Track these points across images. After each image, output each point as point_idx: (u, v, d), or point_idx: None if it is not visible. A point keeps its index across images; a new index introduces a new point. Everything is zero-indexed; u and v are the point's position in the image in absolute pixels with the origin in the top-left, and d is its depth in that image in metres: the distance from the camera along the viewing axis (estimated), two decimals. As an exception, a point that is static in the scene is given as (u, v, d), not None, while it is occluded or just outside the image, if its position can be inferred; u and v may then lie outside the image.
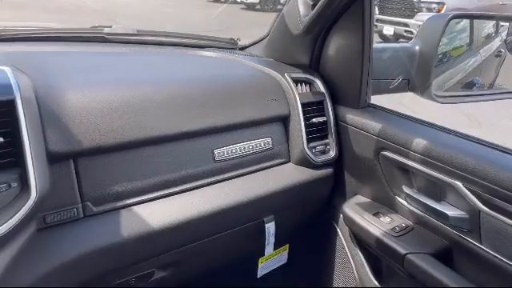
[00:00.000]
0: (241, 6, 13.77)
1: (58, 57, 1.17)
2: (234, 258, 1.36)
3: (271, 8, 14.10)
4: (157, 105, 1.04)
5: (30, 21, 1.23)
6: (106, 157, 0.98)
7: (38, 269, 0.89)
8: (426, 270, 1.04)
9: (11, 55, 1.09)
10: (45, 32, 1.37)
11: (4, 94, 0.80)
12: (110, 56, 1.28)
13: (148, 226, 1.01)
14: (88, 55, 1.25)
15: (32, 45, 1.29)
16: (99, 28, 1.46)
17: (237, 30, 1.62)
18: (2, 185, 0.81)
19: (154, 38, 1.50)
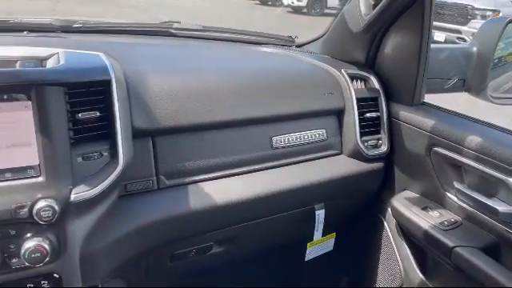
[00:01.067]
0: (288, 9, 13.87)
1: (138, 47, 1.31)
2: (285, 239, 1.44)
3: (317, 12, 14.07)
4: (224, 92, 1.15)
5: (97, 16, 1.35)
6: (178, 136, 1.10)
7: (117, 231, 1.01)
8: (474, 263, 1.07)
9: (100, 44, 1.23)
10: (122, 26, 1.51)
11: (102, 74, 0.92)
12: (182, 48, 1.41)
13: (211, 201, 1.11)
14: (163, 47, 1.38)
15: (111, 37, 1.43)
16: (169, 23, 1.59)
17: (280, 32, 1.71)
18: (95, 153, 0.94)
19: (217, 34, 1.62)
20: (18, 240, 0.84)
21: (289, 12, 13.66)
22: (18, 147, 0.84)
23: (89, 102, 0.91)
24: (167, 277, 1.30)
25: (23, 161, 0.84)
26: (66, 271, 0.91)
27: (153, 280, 1.23)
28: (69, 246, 0.90)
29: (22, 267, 0.85)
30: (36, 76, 0.84)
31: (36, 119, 0.83)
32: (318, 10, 14.15)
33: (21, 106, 0.83)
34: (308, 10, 13.85)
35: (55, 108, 0.85)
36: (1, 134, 0.82)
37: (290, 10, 13.74)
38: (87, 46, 1.09)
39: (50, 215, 0.82)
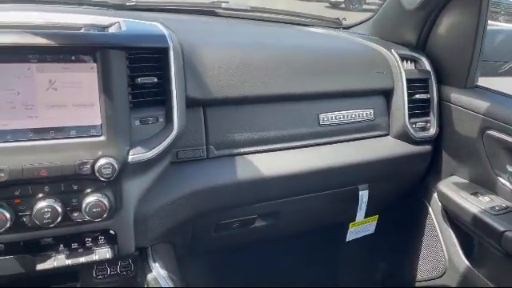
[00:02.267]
0: (325, 4, 13.69)
1: (190, 22, 1.34)
2: (326, 218, 1.44)
3: (356, 7, 13.80)
4: (274, 66, 1.16)
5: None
6: (229, 108, 1.12)
7: (168, 195, 1.04)
8: None
9: (154, 18, 1.27)
10: (172, 4, 1.55)
11: (161, 41, 0.95)
12: (232, 25, 1.43)
13: (257, 173, 1.13)
14: (214, 23, 1.41)
15: (161, 14, 1.48)
16: (217, 2, 1.62)
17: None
18: (152, 118, 0.97)
19: (265, 15, 1.63)
20: (79, 195, 0.89)
21: (326, 7, 13.48)
22: (82, 107, 0.88)
23: (147, 68, 0.95)
24: (210, 247, 1.33)
25: (87, 120, 0.89)
26: (121, 229, 0.95)
27: (197, 249, 1.26)
28: (124, 205, 0.94)
29: (82, 221, 0.90)
30: (102, 39, 0.89)
31: (100, 81, 0.87)
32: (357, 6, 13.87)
33: (87, 68, 0.87)
34: (346, 5, 13.61)
35: (117, 71, 0.89)
36: (68, 94, 0.87)
37: (328, 5, 13.55)
38: (143, 18, 1.13)
39: (109, 172, 0.87)
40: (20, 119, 0.84)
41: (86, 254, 0.93)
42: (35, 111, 0.85)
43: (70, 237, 0.92)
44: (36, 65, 0.84)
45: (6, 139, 0.83)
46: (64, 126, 0.87)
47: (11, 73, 0.83)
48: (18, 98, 0.84)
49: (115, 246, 0.95)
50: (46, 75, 0.85)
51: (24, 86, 0.83)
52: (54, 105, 0.86)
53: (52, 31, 0.86)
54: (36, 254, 0.90)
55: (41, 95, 0.85)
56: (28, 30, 0.83)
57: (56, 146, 0.86)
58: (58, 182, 0.87)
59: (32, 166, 0.83)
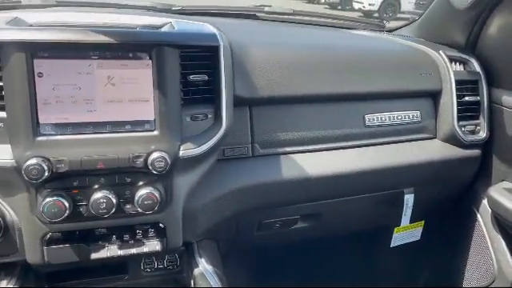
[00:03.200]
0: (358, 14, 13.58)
1: (236, 24, 1.37)
2: (370, 222, 1.42)
3: (390, 16, 13.62)
4: (322, 66, 1.16)
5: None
6: (274, 107, 1.13)
7: (215, 192, 1.06)
8: None
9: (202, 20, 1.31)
10: (217, 8, 1.59)
11: (212, 40, 0.98)
12: (277, 27, 1.45)
13: (301, 173, 1.13)
14: (259, 25, 1.43)
15: (206, 18, 1.51)
16: (260, 7, 1.65)
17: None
18: (201, 115, 0.99)
19: (307, 18, 1.64)
20: (132, 187, 0.92)
21: (360, 16, 13.39)
22: (137, 102, 0.91)
23: (198, 66, 0.97)
24: (252, 245, 1.34)
25: (141, 115, 0.92)
26: (170, 222, 0.97)
27: (240, 246, 1.27)
28: (174, 199, 0.97)
29: (134, 213, 0.93)
30: (157, 37, 0.92)
31: (154, 77, 0.90)
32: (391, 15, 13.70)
33: (143, 65, 0.91)
34: (380, 15, 13.46)
35: (171, 68, 0.92)
36: (125, 89, 0.90)
37: (361, 15, 13.44)
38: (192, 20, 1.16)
39: (162, 166, 0.89)
40: (80, 113, 0.88)
41: (136, 246, 0.96)
42: (94, 106, 0.89)
43: (122, 228, 0.95)
44: (96, 61, 0.88)
45: (66, 132, 0.87)
46: (120, 120, 0.91)
47: (74, 69, 0.87)
48: (79, 92, 0.88)
49: (164, 239, 0.97)
50: (106, 71, 0.89)
51: (85, 81, 0.88)
52: (111, 100, 0.90)
53: (112, 29, 0.90)
54: (90, 243, 0.93)
55: (100, 90, 0.89)
56: (90, 28, 0.87)
57: (112, 139, 0.90)
58: (113, 174, 0.90)
59: (90, 158, 0.87)
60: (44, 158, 0.84)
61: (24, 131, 0.84)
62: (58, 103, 0.87)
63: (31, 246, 0.90)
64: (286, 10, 1.62)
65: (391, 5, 14.20)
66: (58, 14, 1.05)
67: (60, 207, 0.85)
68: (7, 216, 0.90)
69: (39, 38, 0.82)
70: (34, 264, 0.91)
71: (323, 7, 14.75)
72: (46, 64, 0.85)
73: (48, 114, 0.86)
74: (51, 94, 0.86)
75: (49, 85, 0.85)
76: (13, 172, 0.85)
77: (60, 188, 0.88)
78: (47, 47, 0.84)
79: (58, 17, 1.02)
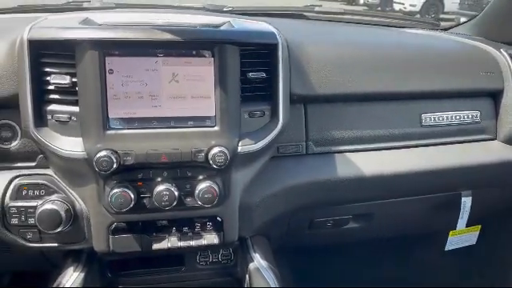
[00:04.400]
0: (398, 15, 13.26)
1: (288, 23, 1.38)
2: (424, 224, 1.38)
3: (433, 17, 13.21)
4: (378, 65, 1.15)
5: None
6: (329, 105, 1.13)
7: (270, 188, 1.07)
8: None
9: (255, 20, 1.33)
10: (267, 9, 1.61)
11: (271, 38, 0.99)
12: (330, 25, 1.45)
13: (355, 172, 1.12)
14: (311, 24, 1.44)
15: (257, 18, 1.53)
16: (310, 6, 1.65)
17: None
18: (259, 112, 1.01)
19: (357, 17, 1.63)
20: (192, 181, 0.95)
21: (401, 17, 13.05)
22: (199, 99, 0.94)
23: (256, 64, 0.99)
24: (302, 244, 1.34)
25: (203, 111, 0.95)
26: (228, 216, 0.99)
27: (289, 244, 1.27)
28: (231, 194, 0.99)
29: (194, 206, 0.95)
30: (220, 35, 0.94)
31: (216, 74, 0.93)
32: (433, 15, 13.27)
33: (205, 62, 0.93)
34: (422, 16, 13.08)
35: (232, 65, 0.94)
36: (188, 86, 0.93)
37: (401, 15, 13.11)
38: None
39: (222, 160, 0.91)
40: (146, 108, 0.92)
41: (195, 238, 0.98)
42: (159, 101, 0.92)
43: (182, 221, 0.98)
44: (162, 59, 0.91)
45: (133, 126, 0.92)
46: (183, 116, 0.94)
47: (141, 66, 0.91)
48: (145, 88, 0.92)
49: (221, 233, 0.99)
50: (170, 68, 0.92)
51: (151, 77, 0.91)
52: (175, 96, 0.93)
53: (178, 28, 0.93)
54: (152, 234, 0.97)
55: (165, 87, 0.92)
56: (158, 27, 0.91)
57: (175, 134, 0.93)
58: (175, 167, 0.94)
59: (155, 152, 0.90)
60: (113, 150, 0.88)
61: (95, 125, 0.89)
62: (126, 98, 0.91)
63: (98, 235, 0.94)
64: (336, 10, 1.61)
65: (434, 5, 13.76)
66: (123, 14, 1.10)
67: (126, 198, 0.89)
68: (76, 205, 0.95)
69: (112, 37, 0.87)
70: (99, 252, 0.95)
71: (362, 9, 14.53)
72: (116, 61, 0.89)
73: (117, 109, 0.91)
74: (120, 89, 0.90)
75: (118, 81, 0.90)
76: (83, 163, 0.90)
77: (126, 180, 0.92)
78: (118, 45, 0.88)
79: (125, 17, 1.07)
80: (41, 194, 0.94)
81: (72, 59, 0.88)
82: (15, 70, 0.91)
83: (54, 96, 0.90)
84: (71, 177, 0.95)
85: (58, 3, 1.53)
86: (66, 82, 0.89)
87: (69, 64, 0.89)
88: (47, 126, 0.90)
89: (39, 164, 0.97)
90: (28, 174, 0.96)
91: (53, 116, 0.90)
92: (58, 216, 0.91)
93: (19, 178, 0.95)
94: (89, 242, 0.96)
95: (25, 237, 0.94)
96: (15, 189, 0.94)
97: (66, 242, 0.96)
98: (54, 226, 0.91)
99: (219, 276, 1.12)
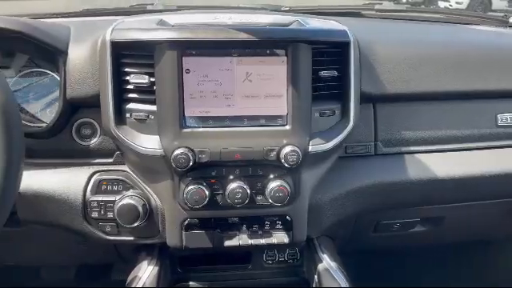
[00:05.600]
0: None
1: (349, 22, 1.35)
2: (497, 229, 1.32)
3: (480, 14, 12.61)
4: (449, 63, 1.11)
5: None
6: (399, 105, 1.10)
7: (338, 189, 1.06)
8: None
9: None
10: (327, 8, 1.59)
11: (343, 36, 0.98)
12: (392, 24, 1.41)
13: (426, 173, 1.09)
14: (370, 23, 1.41)
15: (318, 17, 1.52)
16: (370, 4, 1.62)
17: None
18: (329, 111, 1.00)
19: (418, 14, 1.58)
20: (263, 180, 0.95)
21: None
22: (271, 98, 0.95)
23: (328, 62, 0.98)
24: (366, 246, 1.31)
25: (274, 110, 0.95)
26: (297, 216, 0.99)
27: (353, 246, 1.25)
28: (301, 193, 0.98)
29: (265, 204, 0.96)
30: (294, 34, 0.94)
31: (289, 73, 0.93)
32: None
33: (278, 61, 0.94)
34: (469, 12, 12.52)
35: (304, 64, 0.93)
36: (261, 85, 0.94)
37: (447, 13, 12.59)
38: None
39: (294, 160, 0.91)
40: (220, 107, 0.94)
41: (265, 237, 0.99)
42: (233, 100, 0.94)
43: (252, 219, 0.99)
44: (236, 58, 0.93)
45: (208, 124, 0.93)
46: (255, 114, 0.95)
47: (216, 65, 0.92)
48: (220, 88, 0.93)
49: (290, 232, 0.99)
50: (244, 68, 0.93)
51: (225, 77, 0.93)
52: (248, 95, 0.94)
53: (252, 27, 0.94)
54: (223, 231, 0.98)
55: (238, 86, 0.93)
56: (233, 27, 0.92)
57: (248, 132, 0.94)
58: (247, 166, 0.95)
59: (228, 150, 0.92)
60: (189, 148, 0.90)
61: (172, 123, 0.91)
62: (202, 97, 0.93)
63: (172, 230, 0.97)
64: (398, 7, 1.57)
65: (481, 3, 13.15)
66: (192, 15, 1.12)
67: (201, 195, 0.91)
68: (152, 201, 0.98)
69: (190, 37, 0.89)
70: (173, 247, 0.98)
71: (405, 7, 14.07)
72: (193, 61, 0.91)
73: (193, 108, 0.93)
74: (196, 88, 0.92)
75: (194, 80, 0.92)
76: (160, 160, 0.92)
77: (200, 177, 0.93)
78: (196, 45, 0.91)
79: (194, 18, 1.09)
80: (119, 189, 0.98)
81: (151, 59, 0.91)
82: (96, 70, 0.95)
83: (133, 95, 0.94)
84: (147, 173, 0.98)
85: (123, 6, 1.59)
86: (144, 81, 0.92)
87: (148, 64, 0.92)
88: (126, 124, 0.94)
89: (116, 160, 1.01)
90: (106, 169, 1.00)
91: (131, 114, 0.94)
92: (136, 211, 0.94)
93: (98, 173, 0.99)
94: (162, 237, 0.99)
95: (104, 230, 0.98)
96: (95, 184, 0.98)
97: (141, 237, 1.00)
98: (132, 220, 0.94)
99: (285, 275, 1.12)
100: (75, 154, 1.00)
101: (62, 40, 0.98)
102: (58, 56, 0.97)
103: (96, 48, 0.95)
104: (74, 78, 0.96)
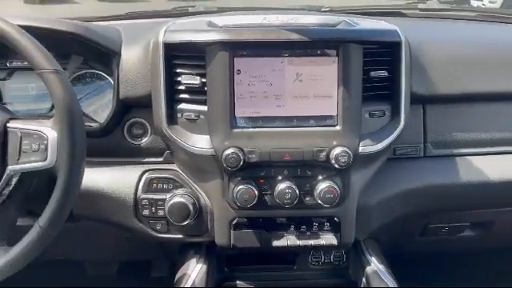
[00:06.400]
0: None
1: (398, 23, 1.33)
2: None
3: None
4: (498, 63, 1.08)
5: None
6: (449, 106, 1.08)
7: (387, 191, 1.04)
8: None
9: None
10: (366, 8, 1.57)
11: (394, 36, 0.96)
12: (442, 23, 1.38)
13: (478, 176, 1.06)
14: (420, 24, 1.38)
15: None
16: (413, 4, 1.59)
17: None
18: (379, 111, 0.99)
19: (464, 13, 1.54)
20: (312, 180, 0.95)
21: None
22: (321, 98, 0.95)
23: (379, 62, 0.97)
24: (412, 250, 1.29)
25: (324, 110, 0.95)
26: (345, 218, 0.98)
27: (399, 250, 1.23)
28: (350, 195, 0.97)
29: (313, 205, 0.95)
30: (345, 34, 0.94)
31: (340, 73, 0.92)
32: (518, 11, 12.17)
33: (329, 61, 0.93)
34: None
35: (355, 64, 0.93)
36: (311, 86, 0.94)
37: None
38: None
39: (345, 161, 0.90)
40: (270, 108, 0.94)
41: (313, 238, 0.98)
42: (283, 101, 0.94)
43: (300, 220, 0.99)
44: (287, 59, 0.93)
45: (258, 125, 0.94)
46: (305, 115, 0.95)
47: (267, 66, 0.93)
48: (270, 88, 0.94)
49: (338, 233, 0.99)
50: (295, 68, 0.93)
51: (276, 77, 0.93)
52: (298, 95, 0.94)
53: (304, 28, 0.94)
54: (271, 231, 0.98)
55: (289, 86, 0.94)
56: (284, 28, 0.92)
57: (298, 133, 0.94)
58: (296, 166, 0.94)
59: (278, 150, 0.92)
60: (239, 148, 0.91)
61: (222, 123, 0.92)
62: (252, 98, 0.94)
63: (220, 229, 0.98)
64: (443, 6, 1.54)
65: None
66: (238, 16, 1.13)
67: (251, 194, 0.92)
68: (201, 199, 1.00)
69: (242, 38, 0.90)
70: (221, 245, 0.99)
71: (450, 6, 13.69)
72: (244, 62, 0.92)
73: (243, 108, 0.94)
74: (247, 89, 0.93)
75: (245, 81, 0.93)
76: (210, 160, 0.94)
77: (249, 177, 0.94)
78: (247, 46, 0.91)
79: (241, 19, 1.10)
80: (169, 187, 1.00)
81: (202, 60, 0.92)
82: (148, 71, 0.97)
83: (185, 95, 0.95)
84: (196, 172, 1.00)
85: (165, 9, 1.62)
86: (196, 82, 0.94)
87: (199, 65, 0.93)
88: (177, 124, 0.96)
89: (165, 159, 1.03)
90: (156, 168, 1.02)
91: (182, 114, 0.95)
92: (186, 209, 0.95)
93: (148, 172, 1.01)
94: (210, 236, 1.00)
95: (154, 227, 1.00)
96: (146, 182, 1.00)
97: (190, 235, 1.01)
98: (182, 218, 0.95)
99: (330, 277, 1.11)
100: (126, 152, 1.02)
101: (115, 42, 1.01)
102: (112, 57, 0.99)
103: (148, 49, 0.97)
104: (126, 79, 0.98)
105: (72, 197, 0.75)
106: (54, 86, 0.74)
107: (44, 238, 0.74)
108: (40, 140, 0.75)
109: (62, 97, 0.73)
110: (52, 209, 0.73)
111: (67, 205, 0.75)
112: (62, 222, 0.75)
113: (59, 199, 0.73)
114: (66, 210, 0.75)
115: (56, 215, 0.73)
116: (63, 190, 0.73)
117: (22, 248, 0.73)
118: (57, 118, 0.75)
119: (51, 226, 0.73)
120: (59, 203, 0.73)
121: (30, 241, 0.73)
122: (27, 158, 0.75)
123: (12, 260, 0.73)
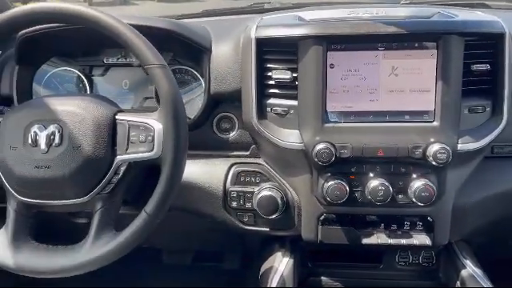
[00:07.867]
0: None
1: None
2: None
3: None
4: None
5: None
6: None
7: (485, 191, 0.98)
8: None
9: None
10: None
11: (497, 27, 0.90)
12: None
13: None
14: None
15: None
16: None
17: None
18: (479, 107, 0.93)
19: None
20: (405, 178, 0.92)
21: None
22: (417, 92, 0.91)
23: (480, 55, 0.91)
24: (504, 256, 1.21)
25: (420, 105, 0.91)
26: (439, 218, 0.94)
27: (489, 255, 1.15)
28: (446, 194, 0.93)
29: (406, 204, 0.92)
30: (446, 26, 0.89)
31: (439, 67, 0.88)
32: None
33: (427, 55, 0.89)
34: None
35: (455, 58, 0.88)
36: (407, 80, 0.90)
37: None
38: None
39: (444, 158, 0.86)
40: (363, 102, 0.92)
41: (405, 237, 0.95)
42: (377, 95, 0.92)
43: (391, 218, 0.96)
44: (382, 52, 0.90)
45: (350, 120, 0.92)
46: (399, 110, 0.92)
47: (361, 60, 0.91)
48: (364, 82, 0.92)
49: (431, 234, 0.95)
50: (390, 62, 0.91)
51: (370, 71, 0.91)
52: (393, 90, 0.91)
53: (401, 20, 0.91)
54: (360, 229, 0.97)
55: (383, 80, 0.91)
56: (380, 20, 0.90)
57: (392, 128, 0.91)
58: (389, 163, 0.92)
59: (371, 146, 0.90)
60: (330, 143, 0.90)
61: (313, 118, 0.91)
62: (344, 92, 0.92)
63: (308, 224, 0.98)
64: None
65: None
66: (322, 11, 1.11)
67: (342, 191, 0.90)
68: (288, 194, 1.00)
69: (337, 32, 0.89)
70: (307, 240, 0.99)
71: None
72: (337, 56, 0.91)
73: (335, 103, 0.92)
74: (339, 83, 0.92)
75: (338, 75, 0.92)
76: (300, 154, 0.93)
77: (339, 173, 0.93)
78: (342, 40, 0.90)
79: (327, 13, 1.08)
80: (256, 180, 1.01)
81: (294, 55, 0.92)
82: (238, 66, 0.99)
83: (275, 90, 0.96)
84: (283, 167, 1.00)
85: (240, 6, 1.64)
86: (287, 77, 0.94)
87: (290, 60, 0.93)
88: (267, 119, 0.96)
89: (252, 153, 1.04)
90: (243, 162, 1.04)
91: (272, 109, 0.96)
92: (275, 202, 0.96)
93: (236, 165, 1.03)
94: (296, 230, 1.00)
95: (242, 219, 1.01)
96: (234, 175, 1.02)
97: (276, 228, 1.02)
98: (271, 211, 0.96)
99: (418, 278, 1.07)
100: (215, 146, 1.05)
101: (205, 38, 1.04)
102: (203, 54, 1.02)
103: (238, 45, 0.98)
104: (217, 75, 1.01)
105: (176, 186, 0.78)
106: (161, 80, 0.77)
107: (150, 224, 0.77)
108: (146, 132, 0.79)
109: (168, 90, 0.76)
110: (158, 197, 0.77)
111: (171, 194, 0.78)
112: (165, 210, 0.78)
113: (164, 188, 0.76)
114: (169, 198, 0.78)
115: (161, 203, 0.77)
116: (168, 179, 0.76)
117: (131, 233, 0.77)
118: (162, 111, 0.78)
119: (157, 213, 0.77)
120: (164, 192, 0.77)
121: (138, 226, 0.77)
122: (135, 148, 0.79)
123: (121, 243, 0.77)
